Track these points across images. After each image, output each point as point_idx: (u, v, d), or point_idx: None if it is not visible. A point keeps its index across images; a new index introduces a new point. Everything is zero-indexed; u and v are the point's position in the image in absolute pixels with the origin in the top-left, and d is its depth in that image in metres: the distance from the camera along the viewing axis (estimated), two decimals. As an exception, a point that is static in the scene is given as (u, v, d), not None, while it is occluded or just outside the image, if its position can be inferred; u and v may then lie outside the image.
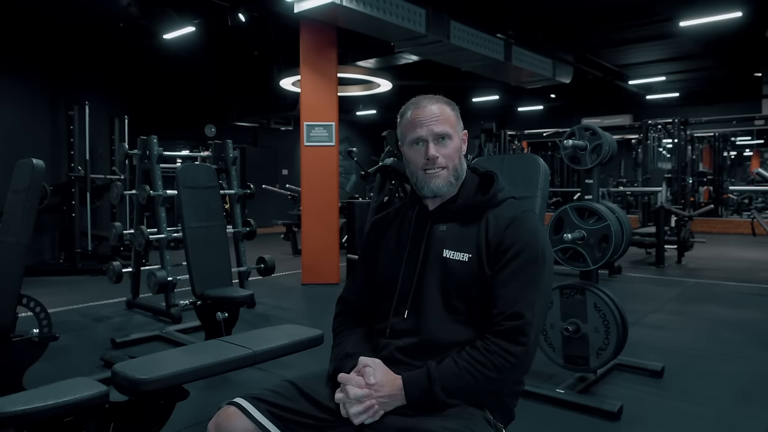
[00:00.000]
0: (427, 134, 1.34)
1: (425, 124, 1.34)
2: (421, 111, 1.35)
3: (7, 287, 2.55)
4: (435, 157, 1.34)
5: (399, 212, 1.50)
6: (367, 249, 1.52)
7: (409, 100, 1.41)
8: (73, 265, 6.93)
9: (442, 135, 1.34)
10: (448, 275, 1.32)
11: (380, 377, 1.24)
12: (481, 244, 1.31)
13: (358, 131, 15.22)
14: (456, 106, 1.41)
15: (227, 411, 1.26)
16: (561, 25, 8.12)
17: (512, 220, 1.32)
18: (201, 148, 8.44)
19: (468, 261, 1.31)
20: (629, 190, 11.82)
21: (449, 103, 1.40)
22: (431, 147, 1.34)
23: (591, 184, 3.08)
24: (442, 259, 1.33)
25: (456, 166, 1.37)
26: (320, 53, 6.23)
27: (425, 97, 1.39)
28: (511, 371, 1.23)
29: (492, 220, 1.33)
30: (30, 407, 1.42)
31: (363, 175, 6.22)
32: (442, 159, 1.34)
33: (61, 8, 7.04)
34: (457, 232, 1.35)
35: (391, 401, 1.23)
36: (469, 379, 1.22)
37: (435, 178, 1.35)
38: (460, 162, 1.38)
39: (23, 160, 2.63)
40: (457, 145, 1.37)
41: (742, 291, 5.75)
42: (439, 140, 1.35)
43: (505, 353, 1.22)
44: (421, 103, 1.37)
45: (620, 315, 2.81)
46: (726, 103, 12.65)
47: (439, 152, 1.34)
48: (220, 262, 3.59)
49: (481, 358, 1.22)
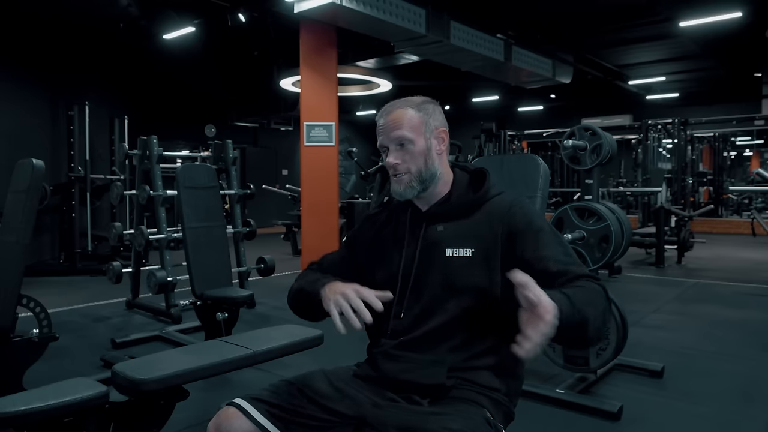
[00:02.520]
0: (387, 141, 1.36)
1: (384, 132, 1.37)
2: (384, 118, 1.38)
3: (7, 287, 2.55)
4: (394, 164, 1.36)
5: (392, 214, 1.49)
6: (357, 238, 1.51)
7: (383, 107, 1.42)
8: (73, 266, 6.93)
9: (401, 141, 1.35)
10: (452, 273, 1.32)
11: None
12: (481, 237, 1.32)
13: (358, 131, 15.22)
14: (428, 105, 1.38)
15: (227, 412, 1.26)
16: (561, 26, 8.13)
17: (511, 205, 1.34)
18: (201, 148, 8.45)
19: (472, 255, 1.31)
20: (629, 190, 11.82)
21: (417, 105, 1.37)
22: (391, 154, 1.36)
23: (591, 185, 3.08)
24: (445, 258, 1.33)
25: (420, 169, 1.36)
26: (320, 53, 6.23)
27: (393, 103, 1.39)
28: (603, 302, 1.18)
29: (489, 211, 1.35)
30: (30, 407, 1.42)
31: (363, 175, 6.22)
32: (402, 165, 1.35)
33: (61, 8, 7.04)
34: (455, 229, 1.35)
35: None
36: (584, 305, 1.11)
37: (398, 183, 1.37)
38: (426, 165, 1.36)
39: (23, 160, 2.63)
40: (421, 148, 1.35)
41: (742, 291, 5.75)
42: (399, 146, 1.36)
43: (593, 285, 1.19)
44: (386, 110, 1.39)
45: (620, 315, 2.81)
46: (726, 104, 12.66)
47: (400, 158, 1.35)
48: (220, 262, 3.59)
49: (579, 290, 1.15)
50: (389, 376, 1.32)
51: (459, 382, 1.28)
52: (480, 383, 1.29)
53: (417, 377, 1.29)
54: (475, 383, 1.28)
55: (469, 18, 6.61)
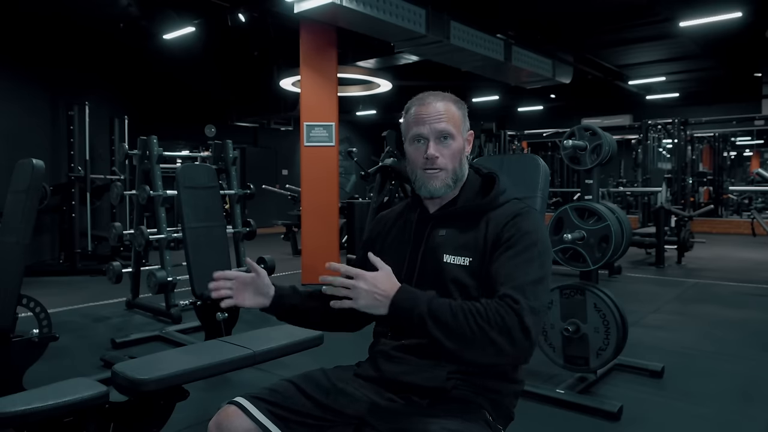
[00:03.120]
0: (428, 132, 1.30)
1: (427, 122, 1.30)
2: (426, 108, 1.31)
3: (7, 287, 2.55)
4: (435, 157, 1.30)
5: (402, 213, 1.48)
6: (370, 245, 1.48)
7: (416, 96, 1.36)
8: (73, 266, 6.93)
9: (445, 134, 1.30)
10: (449, 280, 1.30)
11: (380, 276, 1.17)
12: (480, 247, 1.29)
13: (358, 131, 15.22)
14: (464, 106, 1.37)
15: (228, 410, 1.26)
16: (561, 26, 8.12)
17: (512, 216, 1.29)
18: (201, 149, 8.45)
19: (469, 265, 1.29)
20: (629, 190, 11.82)
21: (456, 102, 1.35)
22: (431, 146, 1.30)
23: (591, 185, 3.08)
24: (443, 264, 1.31)
25: (456, 168, 1.33)
26: (320, 53, 6.23)
27: (431, 94, 1.34)
28: (505, 341, 1.10)
29: (492, 221, 1.30)
30: (30, 407, 1.43)
31: (363, 176, 6.22)
32: (441, 159, 1.31)
33: (61, 8, 7.04)
34: (456, 236, 1.33)
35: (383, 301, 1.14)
36: (462, 322, 1.11)
37: (433, 179, 1.32)
38: (460, 165, 1.34)
39: (23, 160, 2.63)
40: (459, 146, 1.33)
41: (742, 291, 5.75)
42: (441, 139, 1.31)
43: (503, 317, 1.11)
44: (426, 99, 1.33)
45: (620, 315, 2.81)
46: (726, 104, 12.66)
47: (440, 152, 1.30)
48: (220, 262, 3.58)
49: (482, 309, 1.12)
50: (389, 377, 1.31)
51: (459, 384, 1.27)
52: (480, 385, 1.29)
53: (417, 379, 1.29)
54: (474, 384, 1.28)
55: (469, 18, 6.61)
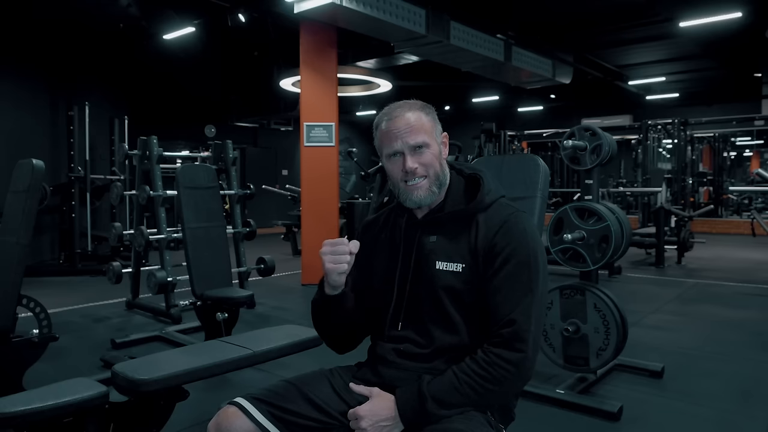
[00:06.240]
0: (402, 146, 1.31)
1: (399, 137, 1.30)
2: (395, 122, 1.31)
3: (7, 287, 2.55)
4: (414, 169, 1.31)
5: (389, 217, 1.47)
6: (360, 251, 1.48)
7: (383, 110, 1.36)
8: (73, 266, 6.93)
9: (419, 145, 1.31)
10: (442, 286, 1.30)
11: (375, 403, 1.24)
12: (472, 252, 1.29)
13: (358, 132, 15.22)
14: (432, 110, 1.37)
15: (228, 411, 1.26)
16: (561, 26, 8.13)
17: (502, 224, 1.29)
18: (201, 149, 8.44)
19: (461, 271, 1.29)
20: (629, 190, 11.82)
21: (423, 108, 1.35)
22: (408, 159, 1.31)
23: (591, 185, 3.08)
24: (435, 271, 1.31)
25: (437, 172, 1.33)
26: (320, 53, 6.23)
27: (398, 105, 1.35)
28: (513, 382, 1.21)
29: (482, 225, 1.30)
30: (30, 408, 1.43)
31: (363, 176, 6.22)
32: (420, 168, 1.31)
33: (61, 8, 7.04)
34: (447, 242, 1.33)
35: (394, 423, 1.22)
36: (470, 393, 1.20)
37: (416, 189, 1.32)
38: (441, 167, 1.35)
39: (23, 160, 2.63)
40: (435, 151, 1.33)
41: (742, 291, 5.74)
42: (415, 150, 1.31)
43: (505, 363, 1.20)
44: (393, 113, 1.33)
45: (620, 315, 2.81)
46: (726, 104, 12.66)
47: (418, 162, 1.31)
48: (220, 262, 3.59)
49: (482, 371, 1.20)
50: (389, 383, 1.31)
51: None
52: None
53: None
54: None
55: (469, 18, 6.60)
